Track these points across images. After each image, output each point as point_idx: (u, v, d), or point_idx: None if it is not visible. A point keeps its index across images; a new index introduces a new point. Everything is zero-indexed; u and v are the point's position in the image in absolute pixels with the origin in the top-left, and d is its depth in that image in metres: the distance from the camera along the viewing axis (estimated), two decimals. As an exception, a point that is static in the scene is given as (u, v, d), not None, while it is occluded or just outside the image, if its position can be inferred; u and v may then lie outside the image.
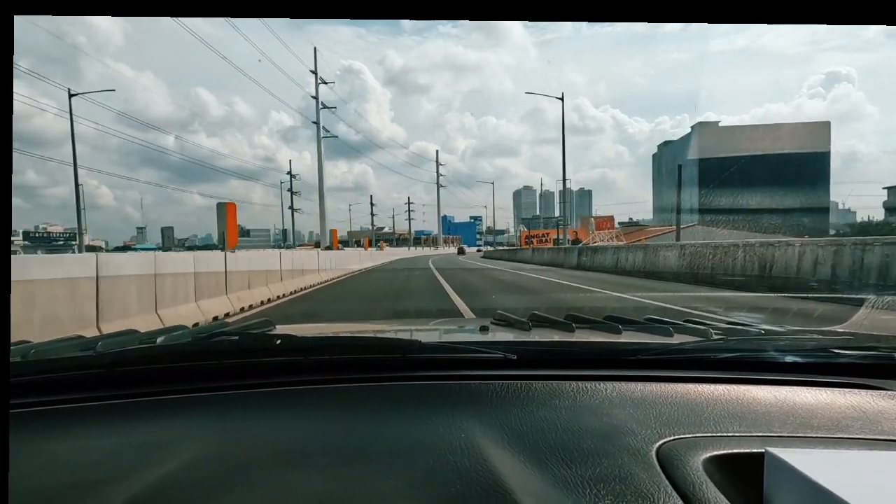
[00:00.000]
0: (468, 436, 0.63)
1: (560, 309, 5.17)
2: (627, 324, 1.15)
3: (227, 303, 7.92)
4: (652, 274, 14.43)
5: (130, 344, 0.93)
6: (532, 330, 1.15)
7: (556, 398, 0.74)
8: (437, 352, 0.94)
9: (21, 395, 0.77)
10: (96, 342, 0.93)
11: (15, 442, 0.63)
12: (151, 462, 0.58)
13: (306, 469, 0.57)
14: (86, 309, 4.92)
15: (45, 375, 0.81)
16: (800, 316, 6.54)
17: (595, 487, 0.53)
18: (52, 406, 0.76)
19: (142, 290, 5.89)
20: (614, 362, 0.89)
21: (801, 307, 7.30)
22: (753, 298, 8.76)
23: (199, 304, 7.09)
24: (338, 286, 13.49)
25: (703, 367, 0.86)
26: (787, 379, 0.81)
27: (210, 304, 7.37)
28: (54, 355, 0.88)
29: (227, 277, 8.15)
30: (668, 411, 0.70)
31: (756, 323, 1.22)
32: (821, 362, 0.86)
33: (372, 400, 0.77)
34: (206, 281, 7.44)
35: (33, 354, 0.87)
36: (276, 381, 0.83)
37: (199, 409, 0.76)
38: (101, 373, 0.82)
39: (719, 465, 0.57)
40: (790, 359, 0.87)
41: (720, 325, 1.16)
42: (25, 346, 0.92)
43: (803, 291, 8.59)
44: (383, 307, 8.25)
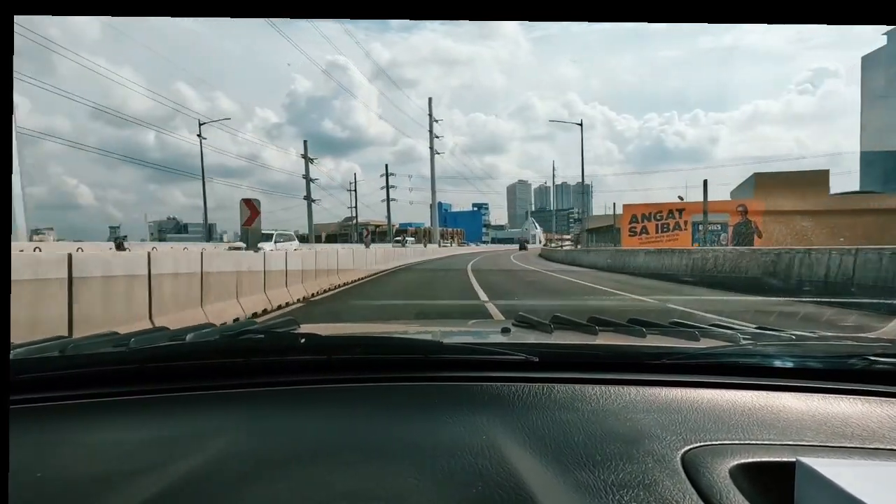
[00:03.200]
0: (489, 437, 0.63)
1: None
2: (652, 327, 1.13)
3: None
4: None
5: (161, 341, 0.95)
6: (554, 332, 1.14)
7: (579, 401, 0.74)
8: (458, 353, 0.93)
9: (59, 388, 0.79)
10: (129, 338, 0.95)
11: (52, 433, 0.68)
12: (180, 456, 0.60)
13: (330, 466, 0.58)
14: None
15: (81, 370, 0.84)
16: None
17: (618, 493, 0.52)
18: (88, 399, 0.78)
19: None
20: (638, 366, 0.87)
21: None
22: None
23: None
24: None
25: (730, 373, 0.84)
26: (819, 387, 0.79)
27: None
28: (90, 350, 0.91)
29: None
30: (694, 417, 0.69)
31: (787, 328, 1.18)
32: (856, 370, 0.83)
33: (394, 400, 0.77)
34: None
35: (71, 349, 0.89)
36: (300, 379, 0.84)
37: (226, 405, 0.77)
38: (133, 368, 0.85)
39: (747, 474, 0.55)
40: (823, 366, 0.84)
41: (749, 329, 1.14)
42: (64, 341, 0.95)
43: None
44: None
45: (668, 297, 9.31)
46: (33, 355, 0.87)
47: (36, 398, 0.77)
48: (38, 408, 0.75)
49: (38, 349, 0.90)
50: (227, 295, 7.21)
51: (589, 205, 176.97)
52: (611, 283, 12.91)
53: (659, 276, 14.79)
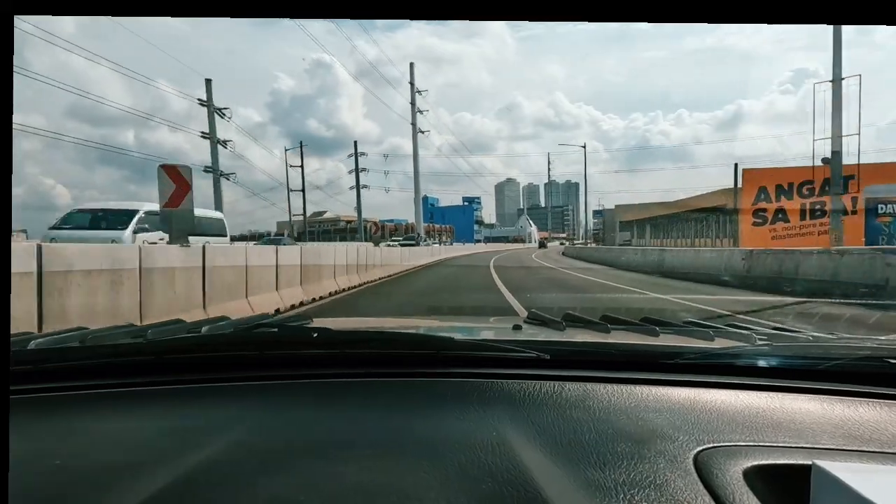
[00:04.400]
0: (500, 434, 0.63)
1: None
2: (665, 326, 1.12)
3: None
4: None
5: (177, 332, 0.97)
6: (566, 330, 1.13)
7: (590, 400, 0.73)
8: (469, 349, 0.93)
9: (79, 377, 0.81)
10: (146, 330, 0.97)
11: (73, 422, 0.70)
12: (194, 446, 0.61)
13: (341, 460, 0.58)
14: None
15: (100, 360, 0.85)
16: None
17: (629, 493, 0.52)
18: (107, 389, 0.79)
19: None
20: (651, 365, 0.87)
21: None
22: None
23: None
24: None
25: (745, 374, 0.83)
26: (837, 389, 0.77)
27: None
28: (109, 341, 0.93)
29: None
30: (708, 418, 0.68)
31: (805, 329, 1.16)
32: (876, 372, 0.81)
33: (405, 395, 0.78)
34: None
35: (90, 340, 0.92)
36: (312, 372, 0.84)
37: (239, 397, 0.78)
38: (150, 359, 0.86)
39: (761, 476, 0.54)
40: (841, 368, 0.82)
41: (765, 329, 1.12)
42: (83, 332, 0.97)
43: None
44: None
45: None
46: (55, 345, 0.89)
47: (57, 387, 0.79)
48: (59, 396, 0.77)
49: (59, 339, 0.92)
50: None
51: (577, 204, 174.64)
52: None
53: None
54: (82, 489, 0.53)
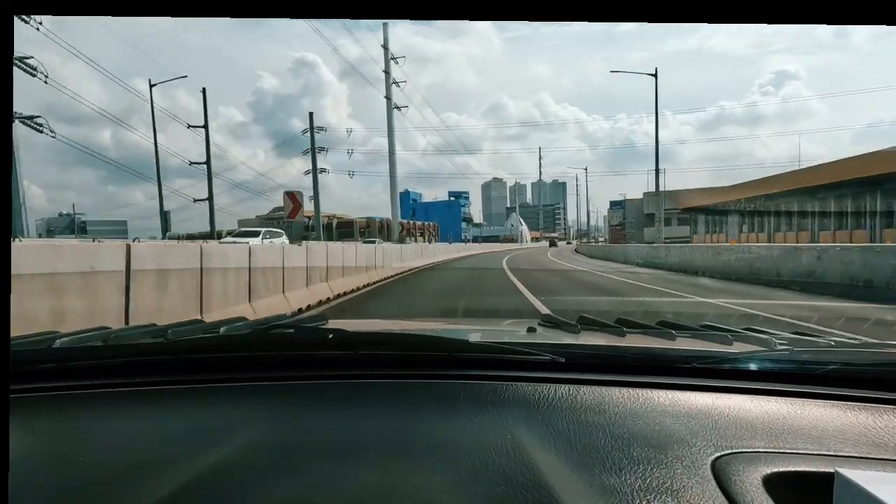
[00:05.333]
0: (514, 437, 0.63)
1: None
2: (682, 329, 1.11)
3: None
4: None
5: (196, 333, 0.99)
6: (581, 333, 1.12)
7: (606, 404, 0.72)
8: (483, 351, 0.93)
9: (101, 376, 0.83)
10: (167, 330, 0.99)
11: (95, 419, 0.72)
12: (212, 445, 0.61)
13: (355, 460, 0.58)
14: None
15: (122, 359, 0.87)
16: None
17: (645, 498, 0.51)
18: (128, 388, 0.81)
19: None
20: (667, 369, 0.85)
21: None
22: None
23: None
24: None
25: (765, 379, 0.81)
26: (860, 395, 0.75)
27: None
28: (130, 340, 0.95)
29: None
30: (726, 423, 0.67)
31: (827, 333, 1.14)
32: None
33: (419, 396, 0.78)
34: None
35: (113, 339, 0.94)
36: (327, 373, 0.85)
37: (256, 397, 0.79)
38: (170, 359, 0.88)
39: (781, 484, 0.53)
40: (865, 374, 0.80)
41: (786, 334, 1.10)
42: (106, 331, 1.00)
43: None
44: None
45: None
46: (79, 344, 0.91)
47: (81, 385, 0.81)
48: (83, 394, 0.79)
49: (83, 338, 0.94)
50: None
51: (565, 203, 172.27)
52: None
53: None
54: (105, 484, 0.55)
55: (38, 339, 0.94)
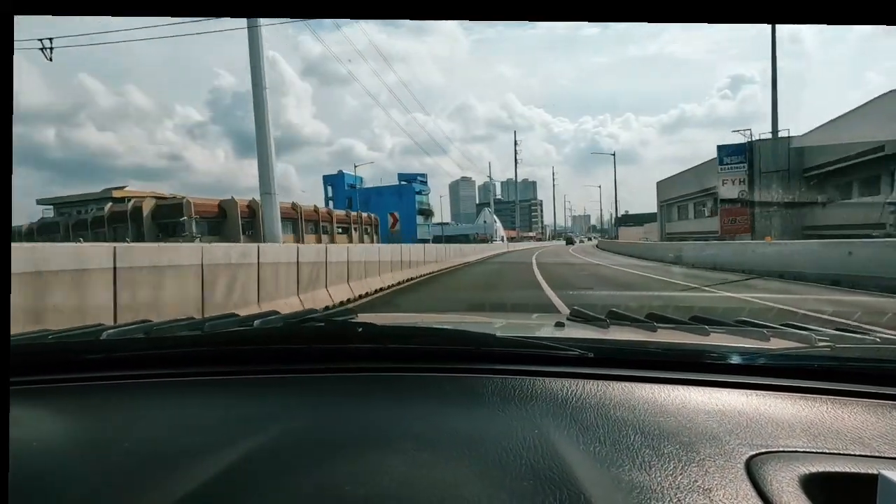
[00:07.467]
0: (542, 432, 0.62)
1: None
2: (716, 325, 1.07)
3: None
4: None
5: (231, 326, 1.02)
6: (610, 328, 1.10)
7: (635, 400, 0.71)
8: (511, 346, 0.92)
9: (144, 366, 0.87)
10: (204, 323, 1.02)
11: (138, 408, 0.75)
12: (245, 434, 0.63)
13: (384, 451, 0.59)
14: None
15: (162, 350, 0.91)
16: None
17: (675, 496, 0.50)
18: (168, 378, 0.85)
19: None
20: (700, 366, 0.83)
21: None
22: None
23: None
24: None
25: (804, 377, 0.78)
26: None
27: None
28: (170, 333, 0.98)
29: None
30: (761, 421, 0.65)
31: (873, 329, 1.09)
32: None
33: (446, 390, 0.78)
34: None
35: (154, 332, 0.98)
36: (357, 366, 0.87)
37: (288, 387, 0.81)
38: (207, 350, 0.91)
39: (820, 485, 0.51)
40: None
41: (827, 330, 1.05)
42: (147, 324, 1.05)
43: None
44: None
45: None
46: (123, 336, 0.95)
47: (125, 375, 0.85)
48: (127, 384, 0.83)
49: (127, 331, 0.99)
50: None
51: (541, 204, 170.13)
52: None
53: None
54: (150, 469, 0.57)
55: (87, 331, 1.00)
